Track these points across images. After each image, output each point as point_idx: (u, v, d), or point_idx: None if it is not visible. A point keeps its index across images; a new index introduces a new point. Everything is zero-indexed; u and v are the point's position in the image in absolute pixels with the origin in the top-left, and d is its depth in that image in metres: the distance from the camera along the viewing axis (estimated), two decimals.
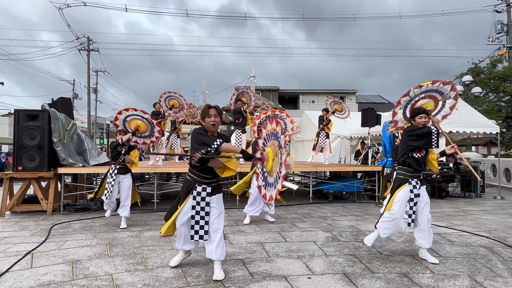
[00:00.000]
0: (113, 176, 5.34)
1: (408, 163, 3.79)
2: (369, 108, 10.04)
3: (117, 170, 5.38)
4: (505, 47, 19.87)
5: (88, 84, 27.38)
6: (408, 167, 3.81)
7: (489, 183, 12.26)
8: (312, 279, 3.22)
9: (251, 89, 17.95)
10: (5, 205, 6.54)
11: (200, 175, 3.27)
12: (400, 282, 3.14)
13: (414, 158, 3.76)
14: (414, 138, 3.71)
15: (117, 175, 5.38)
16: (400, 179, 3.85)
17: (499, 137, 9.90)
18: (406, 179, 3.80)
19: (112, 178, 5.34)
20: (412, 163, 3.77)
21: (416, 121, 3.79)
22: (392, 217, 3.71)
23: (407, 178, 3.79)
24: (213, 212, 3.31)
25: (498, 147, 10.77)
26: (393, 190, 3.86)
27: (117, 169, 5.38)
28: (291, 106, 33.50)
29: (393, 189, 3.88)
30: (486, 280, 3.21)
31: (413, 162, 3.77)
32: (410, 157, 3.77)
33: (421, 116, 3.74)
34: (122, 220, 5.43)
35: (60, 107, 7.61)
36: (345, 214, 6.61)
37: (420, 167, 3.80)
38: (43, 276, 3.27)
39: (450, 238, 4.76)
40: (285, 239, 4.66)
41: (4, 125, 29.90)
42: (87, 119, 28.38)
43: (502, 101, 19.79)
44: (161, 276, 3.28)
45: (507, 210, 7.37)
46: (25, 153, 6.56)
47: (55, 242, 4.53)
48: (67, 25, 34.16)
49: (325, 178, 10.01)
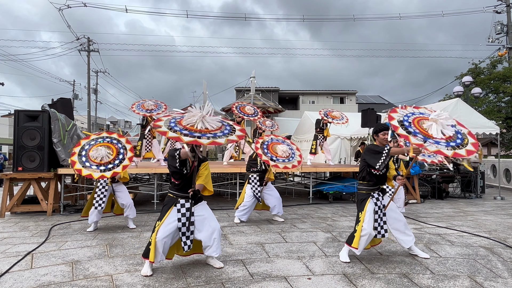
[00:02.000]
0: (106, 187, 5.24)
1: (368, 179, 3.78)
2: (369, 109, 10.03)
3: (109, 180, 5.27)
4: (505, 48, 19.87)
5: (88, 84, 27.40)
6: (368, 182, 3.79)
7: (489, 184, 12.25)
8: (312, 280, 3.22)
9: (251, 89, 17.99)
10: (5, 205, 6.54)
11: (181, 192, 3.44)
12: (400, 283, 3.14)
13: (373, 174, 3.75)
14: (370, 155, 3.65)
15: (109, 185, 5.31)
16: (362, 194, 3.82)
17: (499, 137, 9.90)
18: (368, 193, 3.78)
19: (105, 188, 5.23)
20: (371, 178, 3.76)
21: (379, 137, 3.77)
22: (365, 232, 3.67)
23: (369, 192, 3.78)
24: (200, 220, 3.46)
25: (498, 148, 10.78)
26: (358, 206, 3.85)
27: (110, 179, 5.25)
28: (291, 106, 33.49)
29: (357, 205, 3.86)
30: (486, 280, 3.21)
31: (372, 178, 3.76)
32: (369, 173, 3.76)
33: (385, 132, 3.73)
34: (130, 222, 5.46)
35: (60, 107, 7.61)
36: (345, 215, 6.61)
37: (380, 182, 3.80)
38: (43, 277, 3.27)
39: (450, 239, 4.75)
40: (285, 240, 4.66)
41: (4, 126, 29.89)
42: (87, 119, 28.38)
43: (502, 102, 19.78)
44: (161, 276, 3.28)
45: (507, 210, 7.36)
46: (25, 153, 6.56)
47: (55, 242, 4.53)
48: (67, 25, 34.25)
49: (325, 178, 10.02)
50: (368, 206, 3.71)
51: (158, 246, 3.28)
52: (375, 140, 3.85)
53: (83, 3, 21.82)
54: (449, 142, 3.15)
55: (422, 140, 3.09)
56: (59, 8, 22.24)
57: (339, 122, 9.15)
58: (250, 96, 16.78)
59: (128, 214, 5.39)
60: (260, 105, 15.11)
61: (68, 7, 22.22)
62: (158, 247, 3.28)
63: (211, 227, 3.49)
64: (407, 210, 6.92)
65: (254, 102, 15.16)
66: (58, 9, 22.27)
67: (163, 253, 3.34)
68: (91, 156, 4.71)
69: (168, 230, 3.32)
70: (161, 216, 3.41)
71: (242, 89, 24.99)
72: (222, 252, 3.96)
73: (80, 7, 22.04)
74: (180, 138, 2.92)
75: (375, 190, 3.78)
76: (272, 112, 17.23)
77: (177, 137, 2.93)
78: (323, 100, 33.22)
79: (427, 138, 3.13)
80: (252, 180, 5.79)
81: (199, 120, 3.16)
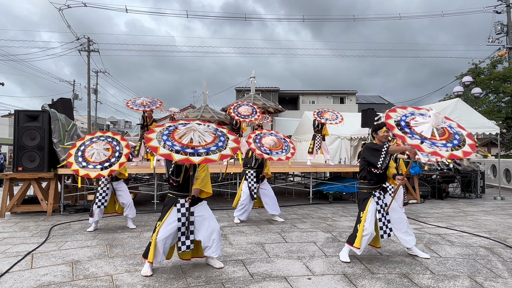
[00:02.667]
0: (107, 185, 5.27)
1: (369, 178, 3.78)
2: (369, 109, 10.04)
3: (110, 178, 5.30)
4: (505, 48, 19.87)
5: (88, 84, 27.40)
6: (369, 181, 3.79)
7: (489, 184, 12.25)
8: (312, 280, 3.22)
9: (251, 89, 18.00)
10: (5, 205, 6.54)
11: (180, 192, 3.45)
12: (400, 283, 3.14)
13: (373, 173, 3.75)
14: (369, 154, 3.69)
15: (111, 182, 5.34)
16: (364, 193, 3.82)
17: (499, 137, 9.90)
18: (369, 192, 3.78)
19: (107, 187, 5.26)
20: (372, 177, 3.76)
21: (378, 135, 3.78)
22: (367, 232, 3.66)
23: (370, 191, 3.77)
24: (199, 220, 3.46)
25: (498, 148, 10.77)
26: (359, 205, 3.85)
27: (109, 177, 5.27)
28: (291, 106, 33.46)
29: (359, 205, 3.86)
30: (486, 280, 3.21)
31: (373, 177, 3.76)
32: (369, 172, 3.76)
33: (385, 130, 3.73)
34: (130, 221, 5.46)
35: (60, 107, 7.61)
36: (345, 215, 6.61)
37: (381, 181, 3.80)
38: (43, 277, 3.27)
39: (450, 239, 4.75)
40: (285, 240, 4.66)
41: (4, 126, 29.86)
42: (87, 119, 28.38)
43: (502, 102, 19.78)
44: (161, 276, 3.28)
45: (507, 210, 7.36)
46: (25, 153, 6.56)
47: (55, 242, 4.53)
48: (67, 25, 34.24)
49: (325, 178, 10.01)
50: (370, 206, 3.70)
51: (159, 246, 3.27)
52: (374, 138, 3.86)
53: (83, 3, 21.82)
54: (446, 143, 3.14)
55: (419, 140, 3.07)
56: (59, 8, 22.25)
57: (332, 122, 9.02)
58: (250, 96, 16.79)
59: (127, 213, 5.40)
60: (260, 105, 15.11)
61: (68, 7, 22.23)
62: (158, 247, 3.28)
63: (210, 227, 3.48)
64: (407, 210, 6.91)
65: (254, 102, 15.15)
66: (58, 9, 22.29)
67: (164, 254, 3.34)
68: (87, 156, 4.72)
69: (169, 231, 3.32)
70: (161, 216, 3.41)
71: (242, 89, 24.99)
72: (222, 252, 3.96)
73: (80, 7, 22.05)
74: (171, 156, 2.88)
75: (377, 189, 3.78)
76: (272, 112, 17.24)
77: (167, 155, 2.89)
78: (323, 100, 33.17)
79: (424, 139, 3.11)
80: (249, 176, 5.82)
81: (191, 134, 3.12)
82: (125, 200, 5.37)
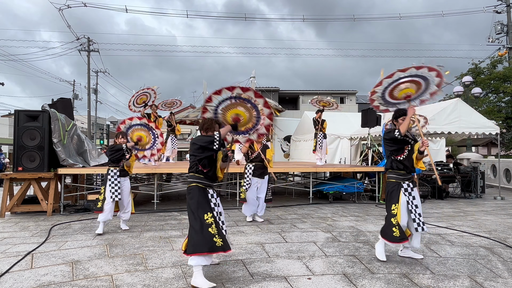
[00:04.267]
0: (117, 178, 5.19)
1: (396, 165, 3.79)
2: (369, 109, 10.01)
3: (119, 173, 5.25)
4: (505, 48, 19.87)
5: (88, 84, 27.41)
6: (397, 170, 3.79)
7: (489, 184, 12.25)
8: (312, 280, 3.22)
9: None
10: (5, 205, 6.54)
11: (210, 181, 3.31)
12: (400, 283, 3.14)
13: (398, 160, 3.76)
14: (388, 143, 3.77)
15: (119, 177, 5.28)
16: (392, 183, 3.82)
17: (499, 137, 9.90)
18: (398, 182, 3.78)
19: (117, 180, 5.18)
20: (398, 165, 3.77)
21: (398, 122, 3.78)
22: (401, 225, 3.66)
23: (399, 181, 3.77)
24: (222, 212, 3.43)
25: (498, 148, 10.77)
26: (386, 195, 3.86)
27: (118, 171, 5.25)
28: (291, 106, 33.48)
29: (387, 196, 3.86)
30: (486, 280, 3.21)
31: (399, 164, 3.77)
32: (394, 160, 3.78)
33: (404, 117, 3.72)
34: (123, 223, 5.36)
35: (60, 107, 7.62)
36: (345, 215, 6.61)
37: (408, 168, 3.78)
38: (43, 277, 3.27)
39: (450, 239, 4.75)
40: (285, 240, 4.67)
41: (4, 126, 29.86)
42: (87, 119, 28.39)
43: (502, 102, 19.78)
44: (161, 276, 3.28)
45: (507, 210, 7.36)
46: (25, 153, 6.56)
47: (55, 242, 4.53)
48: (67, 25, 34.24)
49: (325, 178, 10.01)
50: (402, 199, 3.71)
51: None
52: (395, 125, 3.85)
53: (83, 3, 21.83)
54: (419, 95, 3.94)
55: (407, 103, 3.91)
56: (59, 8, 22.26)
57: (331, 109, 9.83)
58: None
59: (121, 215, 5.28)
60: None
61: (68, 7, 22.24)
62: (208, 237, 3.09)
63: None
64: None
65: None
66: (58, 9, 22.30)
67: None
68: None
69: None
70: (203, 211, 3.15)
71: None
72: (222, 252, 3.94)
73: (80, 7, 22.04)
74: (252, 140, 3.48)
75: (405, 180, 3.76)
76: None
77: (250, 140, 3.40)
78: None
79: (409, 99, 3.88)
80: (248, 170, 5.83)
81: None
82: (125, 200, 5.33)
